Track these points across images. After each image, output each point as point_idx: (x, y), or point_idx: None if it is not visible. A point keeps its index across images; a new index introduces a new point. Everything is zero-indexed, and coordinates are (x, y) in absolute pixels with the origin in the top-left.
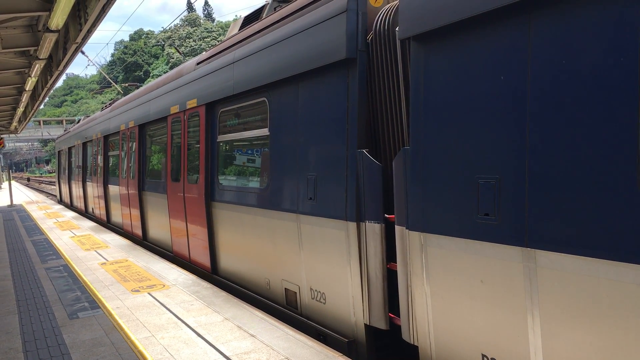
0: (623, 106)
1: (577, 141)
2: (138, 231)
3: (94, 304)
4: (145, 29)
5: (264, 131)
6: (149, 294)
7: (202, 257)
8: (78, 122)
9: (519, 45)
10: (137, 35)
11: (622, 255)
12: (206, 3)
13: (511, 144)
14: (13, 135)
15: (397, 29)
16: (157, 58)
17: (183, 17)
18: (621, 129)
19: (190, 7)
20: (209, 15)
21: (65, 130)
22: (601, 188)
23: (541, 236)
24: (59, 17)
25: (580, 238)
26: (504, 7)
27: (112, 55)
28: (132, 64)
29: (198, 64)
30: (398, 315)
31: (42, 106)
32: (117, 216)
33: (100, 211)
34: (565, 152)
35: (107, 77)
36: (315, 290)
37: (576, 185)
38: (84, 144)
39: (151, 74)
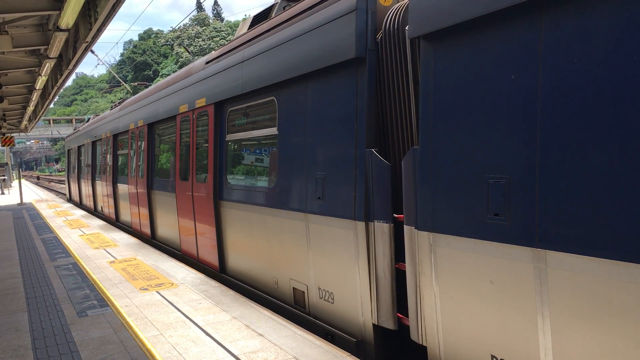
0: (635, 105)
1: (589, 140)
2: (147, 230)
3: (103, 302)
4: (155, 29)
5: (273, 130)
6: (157, 292)
7: (210, 256)
8: (87, 121)
9: (530, 44)
10: (146, 35)
11: (634, 257)
12: (215, 2)
13: (521, 144)
14: (23, 133)
15: (406, 28)
16: (166, 57)
17: (192, 17)
18: (634, 128)
19: (199, 7)
20: (218, 15)
21: (74, 129)
22: (613, 188)
23: (551, 236)
24: (69, 16)
25: (592, 239)
26: (514, 5)
27: (122, 54)
28: (141, 64)
29: (207, 63)
30: (407, 315)
31: (52, 105)
32: (125, 215)
33: (109, 210)
34: (576, 152)
35: (116, 76)
36: (324, 290)
37: (587, 184)
38: (94, 143)
39: (160, 74)
